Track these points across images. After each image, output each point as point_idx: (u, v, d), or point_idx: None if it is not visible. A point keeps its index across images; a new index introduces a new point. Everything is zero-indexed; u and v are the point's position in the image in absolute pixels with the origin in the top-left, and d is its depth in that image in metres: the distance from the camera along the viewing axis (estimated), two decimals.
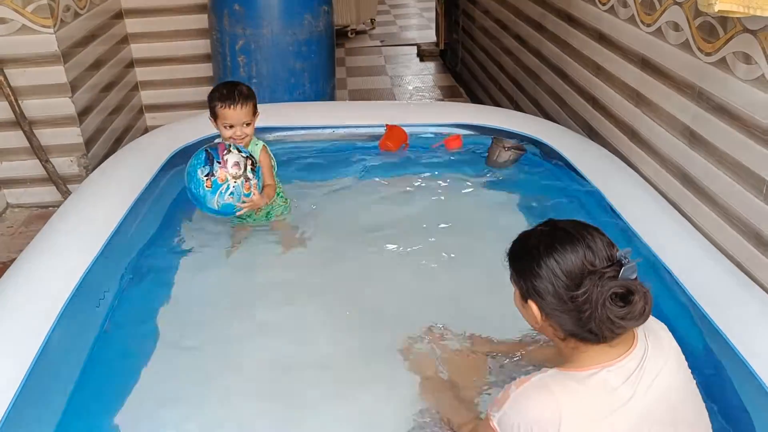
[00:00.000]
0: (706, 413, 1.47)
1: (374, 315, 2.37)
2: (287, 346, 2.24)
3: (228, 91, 2.57)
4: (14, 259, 2.35)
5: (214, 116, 2.61)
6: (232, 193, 2.47)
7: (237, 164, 2.48)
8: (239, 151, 2.52)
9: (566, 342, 1.44)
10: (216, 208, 2.51)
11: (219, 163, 2.45)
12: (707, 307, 2.01)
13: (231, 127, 2.59)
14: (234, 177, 2.46)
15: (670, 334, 1.48)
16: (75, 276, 2.20)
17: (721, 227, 2.31)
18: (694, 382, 1.46)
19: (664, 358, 1.40)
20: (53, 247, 2.36)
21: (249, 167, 2.51)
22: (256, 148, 2.69)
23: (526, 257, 1.44)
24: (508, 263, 1.52)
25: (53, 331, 1.95)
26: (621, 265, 1.36)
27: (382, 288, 2.53)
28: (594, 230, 1.42)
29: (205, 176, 2.44)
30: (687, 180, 2.50)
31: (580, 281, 1.34)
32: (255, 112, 2.64)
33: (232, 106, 2.55)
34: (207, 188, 2.45)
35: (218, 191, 2.45)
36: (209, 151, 2.48)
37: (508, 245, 1.53)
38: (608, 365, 1.37)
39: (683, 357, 1.46)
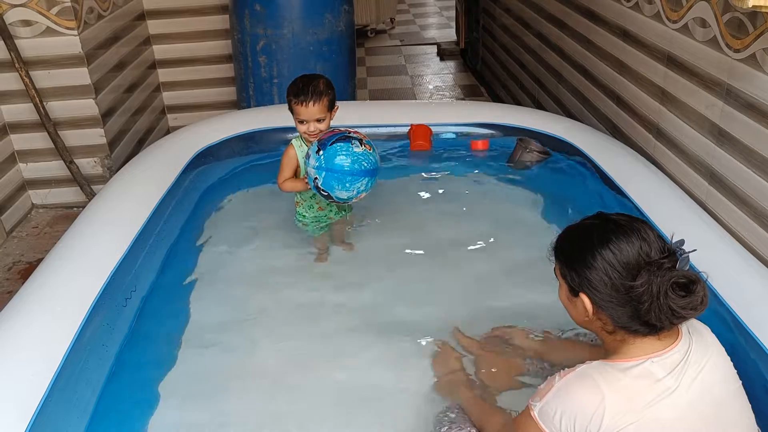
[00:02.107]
0: (752, 414, 1.46)
1: (401, 315, 2.37)
2: (314, 348, 2.24)
3: (303, 85, 2.50)
4: (40, 260, 2.37)
5: (291, 110, 2.57)
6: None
7: (348, 129, 2.52)
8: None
9: (614, 335, 1.44)
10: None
11: (351, 131, 2.47)
12: (737, 310, 1.97)
13: (303, 122, 2.55)
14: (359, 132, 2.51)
15: (712, 333, 1.48)
16: (101, 276, 2.21)
17: (750, 227, 2.28)
18: (740, 382, 1.45)
19: (708, 353, 1.40)
20: (79, 248, 2.37)
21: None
22: None
23: (578, 249, 1.44)
24: (554, 257, 1.52)
25: (81, 332, 1.96)
26: (676, 256, 1.37)
27: (410, 288, 2.52)
28: (644, 222, 1.44)
29: (363, 146, 2.42)
30: (715, 179, 2.46)
31: (636, 272, 1.35)
32: (332, 108, 2.57)
33: (304, 103, 2.49)
34: (371, 150, 2.46)
35: (373, 146, 2.49)
36: (337, 141, 2.41)
37: (554, 239, 1.53)
38: (653, 356, 1.38)
39: (727, 356, 1.46)
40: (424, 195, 3.16)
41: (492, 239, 2.79)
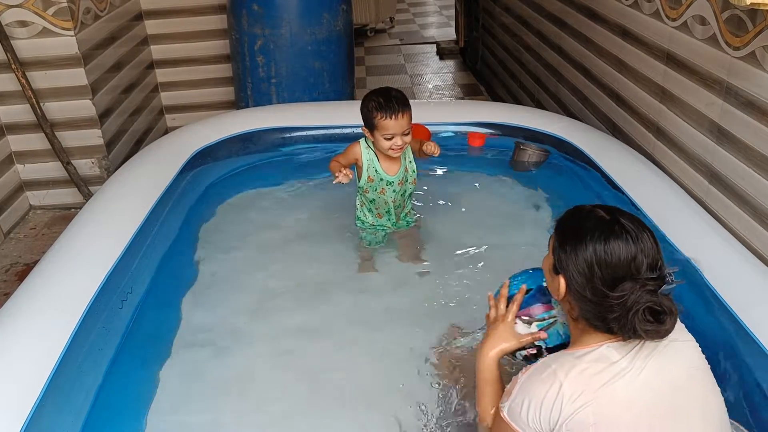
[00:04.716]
0: (720, 399, 1.43)
1: (399, 316, 2.35)
2: (312, 348, 2.24)
3: (385, 100, 2.41)
4: (37, 261, 2.36)
5: (372, 127, 2.46)
6: None
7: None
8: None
9: (577, 322, 1.47)
10: None
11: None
12: (737, 309, 1.96)
13: (391, 138, 2.44)
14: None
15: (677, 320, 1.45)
16: (98, 277, 2.20)
17: (750, 226, 2.26)
18: (707, 366, 1.44)
19: (668, 337, 1.38)
20: (76, 249, 2.36)
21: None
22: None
23: (575, 235, 1.42)
24: (554, 230, 1.51)
25: (77, 333, 1.95)
26: (664, 281, 1.35)
27: (409, 287, 2.52)
28: (650, 234, 1.40)
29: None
30: (715, 178, 2.45)
31: (619, 282, 1.34)
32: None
33: (393, 116, 2.40)
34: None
35: None
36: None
37: (561, 213, 1.51)
38: (609, 342, 1.39)
39: (693, 340, 1.45)
40: (422, 195, 3.15)
41: (491, 240, 2.77)
